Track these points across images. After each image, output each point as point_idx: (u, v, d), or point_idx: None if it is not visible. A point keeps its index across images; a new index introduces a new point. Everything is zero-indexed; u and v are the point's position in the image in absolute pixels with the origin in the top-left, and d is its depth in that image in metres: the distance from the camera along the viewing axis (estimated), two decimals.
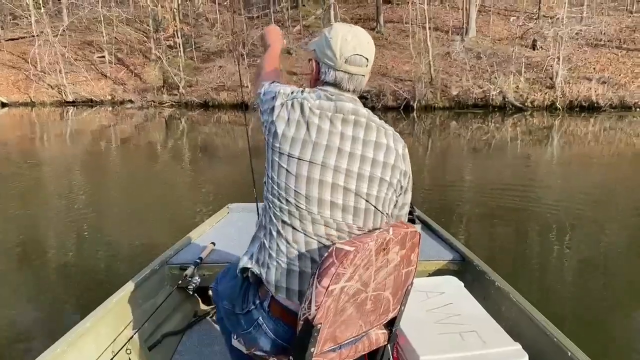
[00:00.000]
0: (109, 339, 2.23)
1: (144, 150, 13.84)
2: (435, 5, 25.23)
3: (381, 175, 1.51)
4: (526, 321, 2.16)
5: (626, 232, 5.89)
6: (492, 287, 2.51)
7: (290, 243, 1.48)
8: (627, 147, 12.82)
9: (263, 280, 1.53)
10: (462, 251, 2.94)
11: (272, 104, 1.53)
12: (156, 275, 2.75)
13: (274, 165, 1.48)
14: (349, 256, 1.36)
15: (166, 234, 5.75)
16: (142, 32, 29.35)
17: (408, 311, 1.75)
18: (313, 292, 1.38)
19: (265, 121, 1.53)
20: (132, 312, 2.46)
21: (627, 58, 21.34)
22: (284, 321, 1.53)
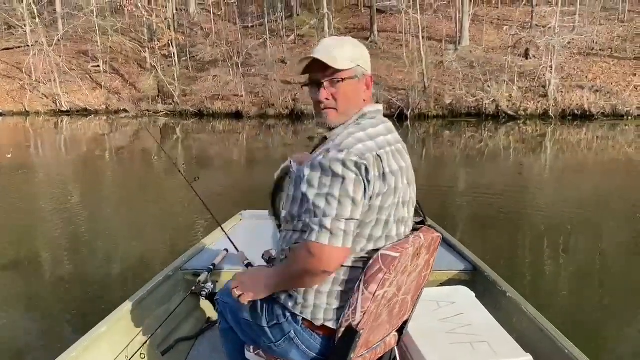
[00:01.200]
0: (124, 344, 2.26)
1: (140, 159, 13.82)
2: (428, 15, 25.39)
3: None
4: (537, 332, 2.15)
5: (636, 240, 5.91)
6: (503, 297, 2.50)
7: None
8: (619, 155, 12.92)
9: (296, 303, 1.53)
10: (473, 261, 2.93)
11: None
12: (170, 281, 2.80)
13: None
14: (394, 262, 1.42)
15: (165, 243, 5.76)
16: (137, 41, 29.39)
17: (419, 321, 1.77)
18: (359, 298, 1.42)
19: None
20: (146, 317, 2.49)
21: (619, 67, 21.53)
22: (318, 333, 1.53)
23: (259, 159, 13.59)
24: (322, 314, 1.50)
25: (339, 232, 1.37)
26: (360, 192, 1.39)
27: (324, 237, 1.37)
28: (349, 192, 1.38)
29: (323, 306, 1.50)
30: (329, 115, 1.55)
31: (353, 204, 1.39)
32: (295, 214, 1.53)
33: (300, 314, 1.52)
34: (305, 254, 1.40)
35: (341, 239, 1.38)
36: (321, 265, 1.40)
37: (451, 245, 3.23)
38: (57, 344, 3.42)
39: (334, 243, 1.37)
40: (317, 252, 1.38)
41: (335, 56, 1.52)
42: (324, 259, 1.39)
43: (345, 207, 1.38)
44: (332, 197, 1.38)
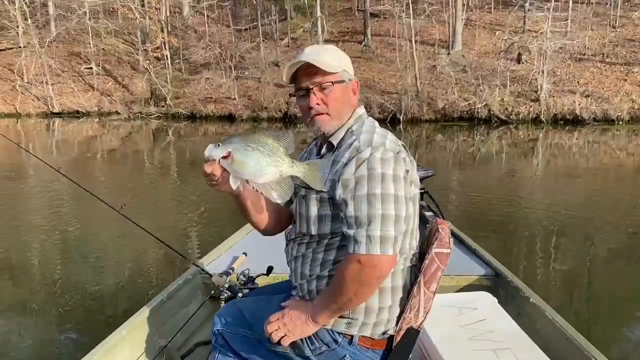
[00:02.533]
0: (144, 347, 2.28)
1: (133, 161, 13.76)
2: (421, 19, 25.44)
3: None
4: (563, 340, 2.11)
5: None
6: (527, 303, 2.45)
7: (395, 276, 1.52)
8: (612, 159, 12.98)
9: (355, 325, 1.50)
10: (495, 266, 2.88)
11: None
12: (189, 285, 2.81)
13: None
14: (448, 257, 1.49)
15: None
16: (129, 43, 29.31)
17: (441, 326, 1.76)
18: (421, 299, 1.44)
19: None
20: (166, 321, 2.50)
21: (610, 72, 21.65)
22: (377, 348, 1.52)
23: None
24: (384, 325, 1.49)
25: (389, 239, 1.35)
26: (403, 186, 1.40)
27: (374, 247, 1.34)
28: (395, 191, 1.37)
29: (385, 317, 1.48)
30: (322, 121, 1.53)
31: (398, 202, 1.37)
32: (327, 232, 1.50)
33: (357, 332, 1.49)
34: (358, 268, 1.36)
35: (392, 245, 1.35)
36: (375, 274, 1.37)
37: (472, 249, 3.18)
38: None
39: (387, 251, 1.35)
40: (370, 263, 1.35)
41: (323, 60, 1.50)
42: (378, 268, 1.36)
43: (392, 210, 1.36)
44: (377, 201, 1.36)
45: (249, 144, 1.36)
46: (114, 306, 4.26)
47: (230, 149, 1.35)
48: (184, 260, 2.81)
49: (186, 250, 5.44)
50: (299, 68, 1.52)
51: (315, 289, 1.54)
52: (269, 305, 1.64)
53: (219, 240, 3.50)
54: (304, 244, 1.56)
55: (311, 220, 1.51)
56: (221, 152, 1.35)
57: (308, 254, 1.55)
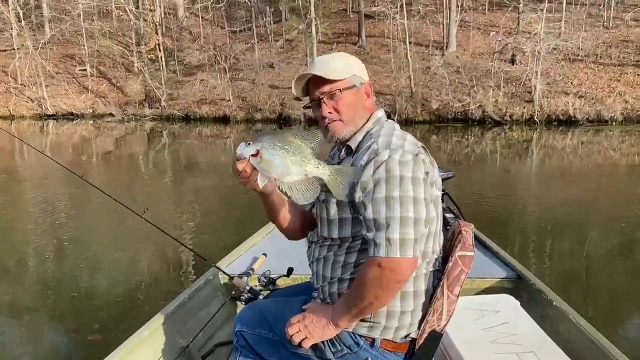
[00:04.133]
0: (165, 348, 2.31)
1: (133, 163, 13.73)
2: (415, 20, 25.48)
3: None
4: (587, 343, 2.07)
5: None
6: (550, 306, 2.42)
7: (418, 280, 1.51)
8: (605, 160, 13.02)
9: (377, 329, 1.50)
10: (517, 268, 2.85)
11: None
12: (209, 285, 2.83)
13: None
14: (472, 260, 1.47)
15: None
16: (124, 45, 29.25)
17: (463, 329, 1.74)
18: (444, 302, 1.43)
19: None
20: (187, 321, 2.53)
21: (604, 72, 21.73)
22: (396, 351, 1.51)
23: None
24: (406, 328, 1.48)
25: (408, 242, 1.34)
26: (422, 188, 1.39)
27: (394, 250, 1.33)
28: (413, 193, 1.36)
29: (407, 321, 1.48)
30: (335, 128, 1.54)
31: (417, 204, 1.36)
32: (348, 235, 1.50)
33: (379, 336, 1.48)
34: (378, 271, 1.35)
35: (411, 248, 1.34)
36: (396, 277, 1.36)
37: (493, 252, 3.15)
38: None
39: (406, 254, 1.34)
40: (390, 266, 1.34)
41: (327, 69, 1.52)
42: (398, 271, 1.35)
43: (411, 212, 1.35)
44: (395, 203, 1.35)
45: (277, 142, 1.36)
46: (135, 307, 4.28)
47: (259, 147, 1.35)
48: (204, 261, 2.82)
49: (206, 251, 5.42)
50: (309, 80, 1.55)
51: (336, 292, 1.54)
52: (290, 307, 1.65)
53: (238, 241, 3.51)
54: (326, 246, 1.56)
55: (332, 224, 1.52)
56: (251, 150, 1.36)
57: (330, 256, 1.55)
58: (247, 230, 3.83)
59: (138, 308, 4.25)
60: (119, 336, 2.47)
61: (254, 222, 3.85)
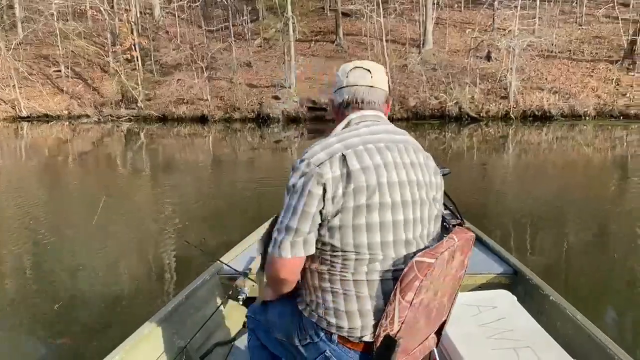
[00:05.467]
0: (163, 348, 2.33)
1: (106, 164, 13.57)
2: (392, 18, 25.61)
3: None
4: (584, 337, 2.08)
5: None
6: (547, 301, 2.43)
7: (360, 284, 1.48)
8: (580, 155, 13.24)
9: (331, 323, 1.52)
10: (514, 264, 2.86)
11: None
12: (207, 286, 2.84)
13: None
14: (430, 268, 1.38)
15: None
16: (99, 45, 28.88)
17: (460, 325, 1.74)
18: (396, 307, 1.39)
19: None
20: (185, 321, 2.54)
21: (577, 68, 22.09)
22: (355, 350, 1.51)
23: (228, 163, 13.50)
24: (359, 332, 1.48)
25: (283, 245, 1.44)
26: (306, 201, 1.41)
27: (275, 250, 1.46)
28: (293, 202, 1.43)
29: (358, 325, 1.48)
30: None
31: (289, 212, 1.44)
32: None
33: (335, 331, 1.50)
34: (268, 265, 1.52)
35: (284, 250, 1.44)
36: (279, 274, 1.49)
37: (490, 248, 3.16)
38: None
39: (281, 254, 1.45)
40: (273, 263, 1.48)
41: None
42: (273, 268, 1.50)
43: (291, 218, 1.43)
44: (286, 208, 1.46)
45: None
46: (133, 307, 4.25)
47: None
48: (203, 261, 2.81)
49: (203, 251, 5.42)
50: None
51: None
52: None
53: (235, 240, 3.50)
54: None
55: None
56: None
57: None
58: (242, 229, 3.81)
59: (135, 307, 4.22)
60: (116, 335, 2.45)
61: (248, 220, 3.84)
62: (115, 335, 2.52)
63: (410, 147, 1.57)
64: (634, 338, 3.66)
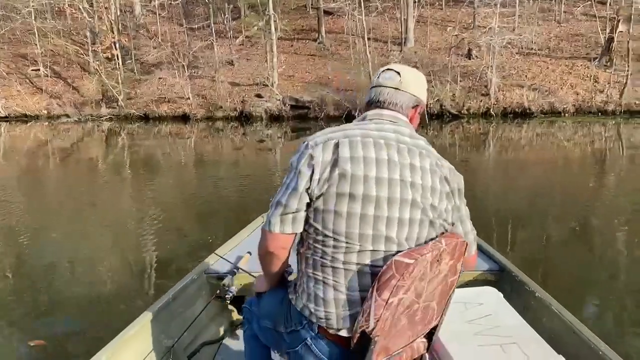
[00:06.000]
0: (150, 348, 2.32)
1: (87, 164, 13.43)
2: (374, 16, 25.69)
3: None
4: (569, 333, 2.11)
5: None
6: (532, 298, 2.46)
7: (338, 273, 1.51)
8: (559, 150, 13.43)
9: (311, 311, 1.54)
10: (500, 261, 2.88)
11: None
12: (194, 285, 2.82)
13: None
14: (408, 269, 1.38)
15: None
16: (79, 44, 28.52)
17: (447, 322, 1.71)
18: (372, 304, 1.39)
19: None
20: (172, 321, 2.53)
21: (556, 66, 22.39)
22: (334, 341, 1.53)
23: (211, 161, 13.44)
24: (335, 322, 1.50)
25: (274, 219, 1.51)
26: (296, 179, 1.49)
27: (266, 224, 1.54)
28: (288, 180, 1.51)
29: (333, 315, 1.50)
30: None
31: (286, 190, 1.50)
32: None
33: (315, 321, 1.53)
34: (260, 240, 1.61)
35: (275, 225, 1.51)
36: (267, 247, 1.57)
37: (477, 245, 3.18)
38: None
39: (270, 229, 1.52)
40: (262, 236, 1.58)
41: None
42: (267, 243, 1.56)
43: (283, 194, 1.51)
44: (281, 185, 1.54)
45: None
46: (120, 307, 4.22)
47: None
48: (189, 260, 2.79)
49: (190, 250, 5.39)
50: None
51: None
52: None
53: (221, 240, 3.50)
54: None
55: None
56: None
57: None
58: (228, 228, 3.79)
59: (121, 308, 4.20)
60: (102, 336, 2.43)
61: (233, 220, 3.83)
62: (95, 337, 2.51)
63: (417, 151, 1.55)
64: (615, 329, 3.74)
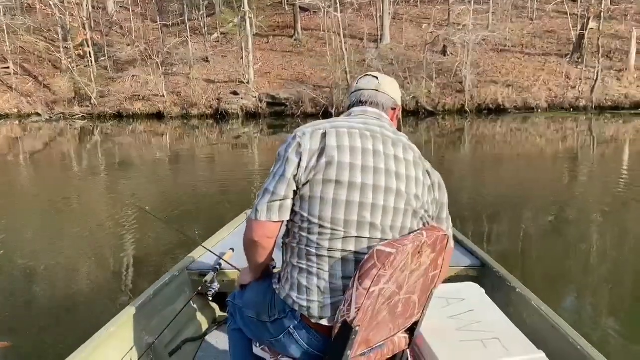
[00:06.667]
0: (131, 345, 2.29)
1: (60, 164, 13.17)
2: (350, 13, 25.72)
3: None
4: (549, 328, 2.14)
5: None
6: (513, 293, 2.48)
7: (322, 260, 1.53)
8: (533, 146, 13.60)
9: (294, 300, 1.56)
10: (481, 257, 2.90)
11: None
12: (176, 282, 2.80)
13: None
14: (389, 258, 1.39)
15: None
16: (50, 41, 27.97)
17: (429, 318, 1.73)
18: (354, 293, 1.40)
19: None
20: (153, 318, 2.51)
21: (529, 62, 22.71)
22: (316, 330, 1.55)
23: (187, 159, 13.30)
24: (317, 311, 1.52)
25: (260, 207, 1.53)
26: (284, 167, 1.52)
27: (253, 212, 1.55)
28: (275, 168, 1.54)
29: (316, 303, 1.52)
30: None
31: (274, 178, 1.53)
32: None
33: (298, 309, 1.54)
34: (246, 230, 1.62)
35: (261, 213, 1.53)
36: (253, 236, 1.58)
37: (458, 240, 3.16)
38: None
39: (257, 217, 1.54)
40: (249, 225, 1.59)
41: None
42: (254, 231, 1.57)
43: (271, 182, 1.54)
44: (269, 174, 1.56)
45: None
46: (99, 304, 4.14)
47: None
48: (171, 257, 2.74)
49: (172, 247, 5.31)
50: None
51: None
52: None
53: (205, 236, 3.46)
54: None
55: None
56: None
57: None
58: (210, 223, 3.73)
59: (101, 305, 4.13)
60: (82, 333, 2.37)
61: (215, 215, 3.77)
62: (68, 338, 2.44)
63: (401, 145, 1.61)
64: (591, 320, 3.79)
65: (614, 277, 4.54)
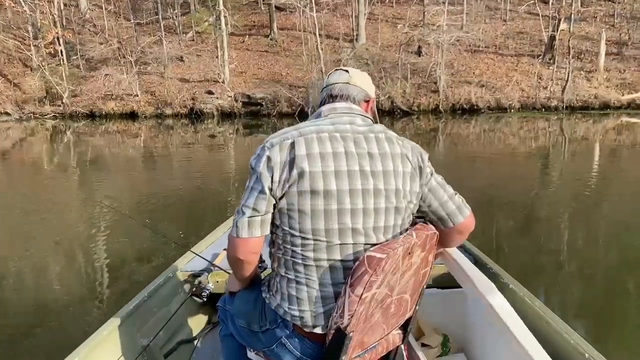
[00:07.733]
0: (126, 347, 2.27)
1: (30, 165, 12.89)
2: (325, 13, 25.75)
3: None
4: (544, 325, 2.13)
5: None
6: (506, 289, 2.46)
7: (310, 270, 1.52)
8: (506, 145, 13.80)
9: (286, 310, 1.55)
10: (474, 253, 2.90)
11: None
12: (170, 283, 2.78)
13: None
14: (380, 263, 1.38)
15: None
16: (20, 39, 27.36)
17: (421, 314, 1.77)
18: (346, 300, 1.40)
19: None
20: (147, 320, 2.49)
21: (502, 63, 23.04)
22: (309, 338, 1.54)
23: (162, 158, 13.15)
24: (310, 320, 1.51)
25: (241, 224, 1.50)
26: (259, 181, 1.48)
27: (234, 230, 1.52)
28: (251, 183, 1.51)
29: (308, 312, 1.51)
30: None
31: (251, 194, 1.50)
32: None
33: (290, 319, 1.53)
34: (228, 247, 1.59)
35: (242, 230, 1.50)
36: (237, 254, 1.56)
37: None
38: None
39: (238, 234, 1.51)
40: (231, 243, 1.55)
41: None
42: (237, 249, 1.55)
43: (248, 198, 1.50)
44: (245, 189, 1.53)
45: None
46: (94, 306, 4.11)
47: None
48: (164, 258, 2.70)
49: (165, 248, 5.21)
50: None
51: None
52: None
53: (198, 238, 3.46)
54: None
55: None
56: None
57: None
58: (204, 226, 3.69)
59: (95, 307, 4.10)
60: (76, 335, 2.34)
61: (190, 218, 3.73)
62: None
63: (373, 137, 1.55)
64: (569, 312, 3.88)
65: (585, 269, 4.69)
